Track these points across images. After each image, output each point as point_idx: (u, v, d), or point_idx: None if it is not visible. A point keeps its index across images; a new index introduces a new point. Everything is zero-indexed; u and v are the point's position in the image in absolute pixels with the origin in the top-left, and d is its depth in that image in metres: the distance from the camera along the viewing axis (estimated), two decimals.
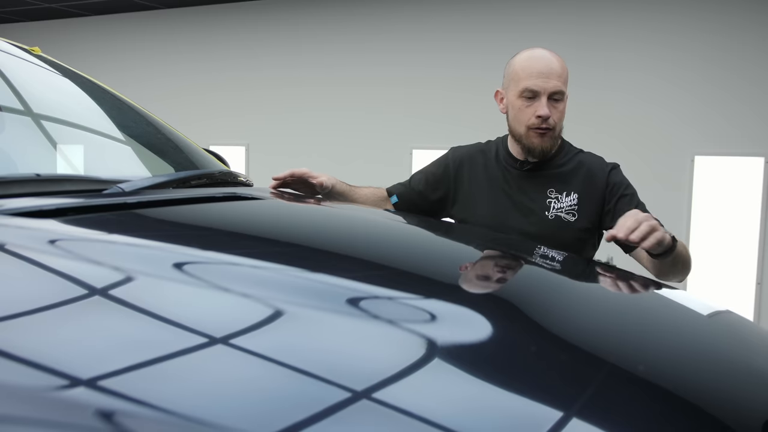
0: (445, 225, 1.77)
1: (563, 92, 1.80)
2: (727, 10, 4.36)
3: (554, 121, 1.79)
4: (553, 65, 1.79)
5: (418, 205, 2.02)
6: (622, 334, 0.99)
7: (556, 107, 1.80)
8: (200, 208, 1.24)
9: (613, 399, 0.75)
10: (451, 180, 1.98)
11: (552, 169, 1.88)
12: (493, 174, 1.93)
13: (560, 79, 1.79)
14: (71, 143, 1.43)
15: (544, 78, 1.77)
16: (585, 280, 1.35)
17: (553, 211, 1.84)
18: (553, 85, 1.77)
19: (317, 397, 0.63)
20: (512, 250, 1.51)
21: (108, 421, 0.57)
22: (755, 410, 0.84)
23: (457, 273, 1.16)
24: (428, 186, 2.01)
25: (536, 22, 4.83)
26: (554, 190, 1.86)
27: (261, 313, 0.80)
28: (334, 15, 5.62)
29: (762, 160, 4.24)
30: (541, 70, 1.79)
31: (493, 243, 1.56)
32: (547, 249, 1.57)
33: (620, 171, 1.90)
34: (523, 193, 1.87)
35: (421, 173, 2.06)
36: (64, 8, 6.45)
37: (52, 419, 0.57)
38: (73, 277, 0.82)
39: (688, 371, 0.88)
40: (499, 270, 1.31)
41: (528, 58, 1.82)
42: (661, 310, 1.25)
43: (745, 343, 1.10)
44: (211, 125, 6.11)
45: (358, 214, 1.50)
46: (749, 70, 4.32)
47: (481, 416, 0.66)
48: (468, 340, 0.82)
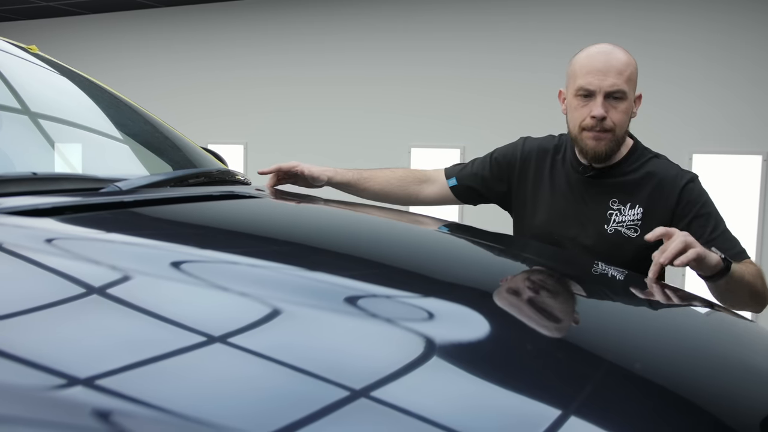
0: (444, 223, 1.72)
1: (623, 91, 1.63)
2: (725, 9, 4.36)
3: (612, 123, 1.63)
4: (613, 62, 1.63)
5: (479, 192, 1.89)
6: (619, 332, 0.99)
7: (616, 107, 1.63)
8: (197, 206, 1.24)
9: (611, 397, 0.75)
10: (516, 174, 1.84)
11: (617, 177, 1.71)
12: (557, 176, 1.78)
13: (621, 76, 1.62)
14: (68, 142, 1.43)
15: (601, 75, 1.62)
16: (588, 279, 1.35)
17: (613, 224, 1.69)
18: (610, 84, 1.62)
19: (314, 396, 0.63)
20: (525, 253, 1.50)
21: (105, 420, 0.57)
22: (752, 408, 0.84)
23: (450, 271, 1.16)
24: (492, 174, 1.86)
25: (533, 21, 4.83)
26: (617, 200, 1.70)
27: (258, 311, 0.80)
28: (332, 14, 5.62)
29: (760, 158, 4.25)
30: (598, 67, 1.63)
31: (495, 242, 1.54)
32: (570, 255, 1.54)
33: (698, 184, 1.71)
34: (583, 202, 1.73)
35: (486, 158, 1.90)
36: (62, 6, 6.44)
37: (48, 419, 0.57)
38: (72, 276, 0.82)
39: (685, 369, 0.88)
40: (509, 277, 1.31)
41: (587, 54, 1.68)
42: (659, 308, 1.25)
43: (742, 341, 1.11)
44: (210, 124, 6.10)
45: (354, 213, 1.50)
46: (747, 69, 4.32)
47: (478, 414, 0.66)
48: (468, 341, 0.82)
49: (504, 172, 1.86)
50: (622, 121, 1.66)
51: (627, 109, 1.66)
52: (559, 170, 1.79)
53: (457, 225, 1.79)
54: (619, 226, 1.68)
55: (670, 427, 0.72)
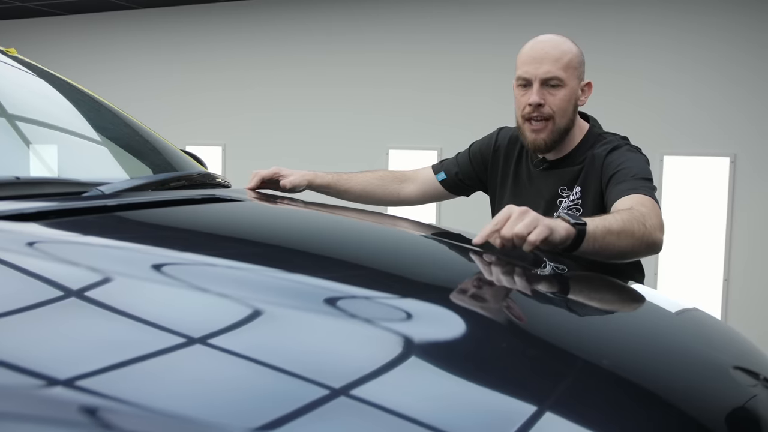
0: (415, 223, 1.67)
1: (559, 78, 1.64)
2: (695, 10, 4.44)
3: (551, 110, 1.65)
4: (549, 50, 1.65)
5: (466, 184, 1.92)
6: (592, 331, 1.01)
7: (554, 94, 1.64)
8: (182, 210, 1.25)
9: (582, 394, 0.77)
10: (489, 165, 1.88)
11: (569, 167, 1.73)
12: (521, 167, 1.81)
13: (556, 64, 1.64)
14: (49, 146, 1.42)
15: (536, 64, 1.64)
16: (557, 281, 1.38)
17: (561, 210, 1.70)
18: (544, 71, 1.64)
19: (297, 395, 0.64)
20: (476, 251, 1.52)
21: (92, 420, 0.59)
22: (720, 403, 0.87)
23: (415, 270, 1.18)
24: (473, 166, 1.91)
25: (509, 23, 4.88)
26: (566, 188, 1.72)
27: (241, 313, 0.81)
28: (309, 17, 5.62)
29: (727, 160, 4.34)
30: (534, 56, 1.66)
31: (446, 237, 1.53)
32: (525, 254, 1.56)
33: (622, 151, 1.66)
34: (539, 193, 1.75)
35: (467, 150, 1.95)
36: (38, 7, 6.35)
37: (35, 420, 0.58)
38: (59, 280, 0.82)
39: (656, 366, 0.90)
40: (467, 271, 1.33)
41: (527, 46, 1.70)
42: (632, 308, 1.28)
43: (711, 340, 1.14)
44: (188, 125, 6.06)
45: (333, 215, 1.52)
46: (715, 75, 4.41)
47: (451, 411, 0.67)
48: (442, 338, 0.84)
49: (480, 163, 1.90)
50: (562, 108, 1.66)
51: (567, 96, 1.66)
52: (523, 162, 1.82)
53: (425, 225, 1.80)
54: (563, 210, 1.70)
55: (639, 420, 0.74)
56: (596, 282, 1.37)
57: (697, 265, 4.45)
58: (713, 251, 4.41)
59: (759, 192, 4.31)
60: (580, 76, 1.71)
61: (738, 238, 4.37)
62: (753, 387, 0.98)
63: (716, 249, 4.40)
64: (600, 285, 1.37)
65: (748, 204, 4.34)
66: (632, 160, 1.64)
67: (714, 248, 4.40)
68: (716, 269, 4.40)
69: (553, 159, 1.74)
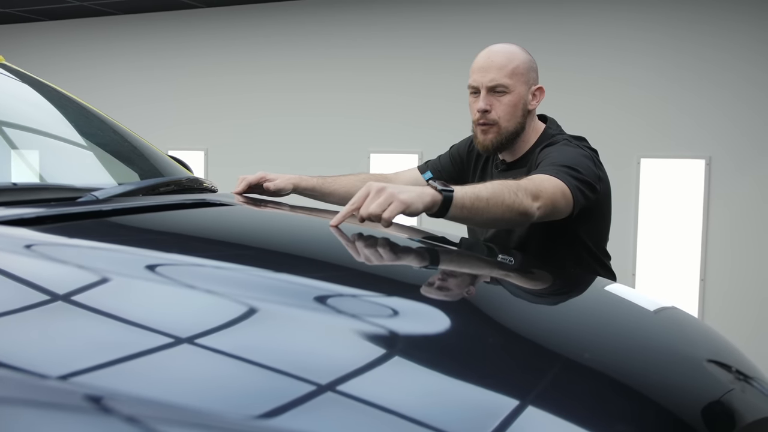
0: (396, 225, 1.73)
1: (504, 85, 1.73)
2: (671, 15, 4.53)
3: (496, 116, 1.74)
4: (494, 58, 1.75)
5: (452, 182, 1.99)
6: (572, 328, 1.04)
7: (500, 101, 1.74)
8: (173, 215, 1.27)
9: (562, 390, 0.79)
10: (464, 166, 1.97)
11: (520, 167, 1.81)
12: (487, 169, 1.91)
13: (501, 71, 1.73)
14: (41, 152, 1.44)
15: (483, 72, 1.74)
16: (537, 279, 1.41)
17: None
18: (489, 79, 1.73)
19: (286, 391, 0.66)
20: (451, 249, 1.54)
21: (91, 420, 0.60)
22: (697, 397, 0.90)
23: (392, 269, 1.20)
24: (453, 166, 1.99)
25: (490, 28, 4.93)
26: None
27: (233, 313, 0.83)
28: (290, 22, 5.63)
29: (703, 162, 4.42)
30: (480, 65, 1.76)
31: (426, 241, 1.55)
32: (501, 252, 1.61)
33: (555, 147, 1.71)
34: None
35: (448, 152, 2.04)
36: (20, 13, 6.29)
37: (35, 419, 0.59)
38: (59, 284, 0.84)
39: (635, 363, 0.93)
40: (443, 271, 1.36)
41: (478, 55, 1.80)
42: (611, 306, 1.32)
43: (689, 337, 1.18)
44: (170, 130, 6.05)
45: (320, 218, 1.55)
46: (690, 79, 4.49)
47: (432, 406, 0.69)
48: (423, 334, 0.86)
49: (458, 164, 2.01)
50: (508, 113, 1.75)
51: (513, 102, 1.75)
52: (489, 164, 1.93)
53: (406, 227, 1.83)
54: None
55: (618, 416, 0.77)
56: (577, 280, 1.40)
57: (674, 266, 4.52)
58: (690, 252, 4.47)
59: (734, 193, 4.40)
60: (529, 82, 1.78)
61: (714, 238, 4.45)
62: (729, 382, 1.01)
63: (693, 249, 4.47)
64: (581, 283, 1.40)
65: (723, 205, 4.42)
66: (562, 152, 1.68)
67: (690, 249, 4.47)
68: (693, 269, 4.47)
69: (510, 161, 1.85)
